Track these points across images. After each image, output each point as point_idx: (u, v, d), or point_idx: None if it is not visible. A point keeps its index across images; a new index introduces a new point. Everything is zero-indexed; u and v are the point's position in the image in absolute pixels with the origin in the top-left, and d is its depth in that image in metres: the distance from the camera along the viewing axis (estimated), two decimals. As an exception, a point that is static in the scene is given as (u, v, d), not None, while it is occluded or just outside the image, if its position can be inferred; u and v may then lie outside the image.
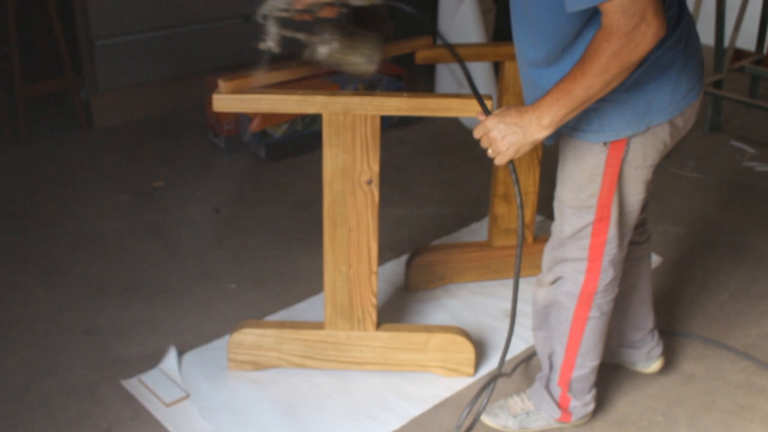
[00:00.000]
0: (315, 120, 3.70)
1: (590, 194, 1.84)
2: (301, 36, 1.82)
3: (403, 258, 2.83)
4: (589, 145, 1.79)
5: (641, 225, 2.14)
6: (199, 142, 3.83)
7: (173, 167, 3.56)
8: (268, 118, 3.59)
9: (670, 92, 1.72)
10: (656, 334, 2.27)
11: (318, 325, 2.29)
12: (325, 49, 1.82)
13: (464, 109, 1.97)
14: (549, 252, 1.98)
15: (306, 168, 3.59)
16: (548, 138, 1.79)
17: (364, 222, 2.13)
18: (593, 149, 1.79)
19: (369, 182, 2.08)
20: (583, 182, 1.83)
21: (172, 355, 2.35)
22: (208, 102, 3.66)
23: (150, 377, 2.29)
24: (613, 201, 1.84)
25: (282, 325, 2.30)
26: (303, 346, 2.28)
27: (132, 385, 2.27)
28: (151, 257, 2.87)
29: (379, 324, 2.30)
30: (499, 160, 1.70)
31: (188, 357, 2.37)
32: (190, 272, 2.78)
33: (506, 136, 1.67)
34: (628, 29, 1.49)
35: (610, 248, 1.90)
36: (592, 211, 1.85)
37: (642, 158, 1.80)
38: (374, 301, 2.22)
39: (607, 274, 1.93)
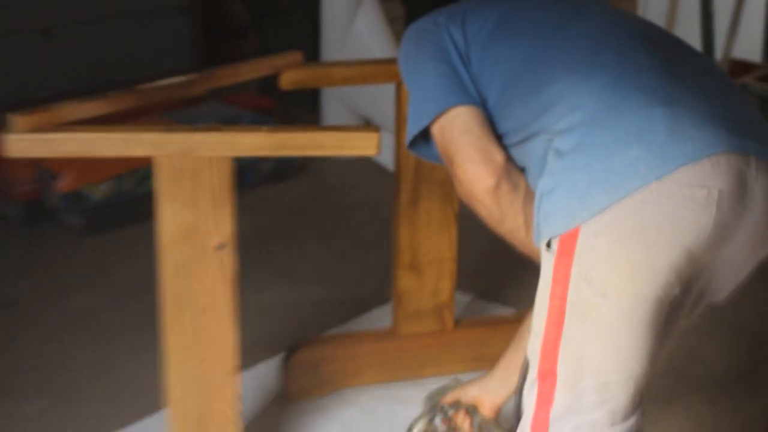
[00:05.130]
0: (150, 176, 3.90)
1: (536, 330, 1.83)
2: None
3: (280, 358, 3.03)
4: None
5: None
6: (-17, 210, 4.00)
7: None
8: (83, 173, 3.79)
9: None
10: None
11: (159, 449, 2.48)
12: None
13: (343, 146, 2.23)
14: None
15: (139, 242, 3.77)
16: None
17: (216, 301, 2.33)
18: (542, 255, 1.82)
19: (220, 247, 2.31)
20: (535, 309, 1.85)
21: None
22: (-5, 152, 3.84)
23: None
24: (561, 347, 1.79)
25: (108, 451, 2.49)
26: (138, 479, 2.46)
27: None
28: None
29: (244, 443, 2.51)
30: None
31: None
32: (-26, 391, 2.94)
33: None
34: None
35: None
36: (535, 359, 1.83)
37: (592, 266, 1.72)
38: (237, 407, 2.42)
39: None
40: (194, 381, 2.39)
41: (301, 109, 4.94)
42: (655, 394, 2.91)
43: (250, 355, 3.04)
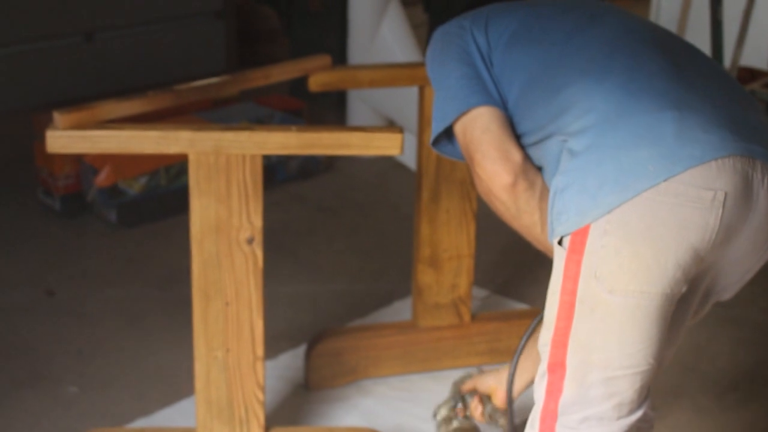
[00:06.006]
0: (183, 172, 3.94)
1: (547, 323, 1.84)
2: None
3: (302, 348, 3.06)
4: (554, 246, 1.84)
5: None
6: (26, 203, 4.06)
7: (-11, 237, 3.76)
8: (121, 169, 3.82)
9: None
10: None
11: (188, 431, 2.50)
12: None
13: (368, 146, 2.25)
14: None
15: (172, 235, 3.82)
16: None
17: (245, 292, 2.36)
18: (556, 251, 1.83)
19: (250, 241, 2.33)
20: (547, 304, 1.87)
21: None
22: (38, 148, 3.87)
23: None
24: (570, 341, 1.80)
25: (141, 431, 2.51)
26: (168, 460, 2.48)
27: None
28: (-39, 356, 3.04)
29: (269, 428, 2.52)
30: None
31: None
32: (15, 374, 2.96)
33: None
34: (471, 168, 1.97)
35: (563, 423, 1.82)
36: (545, 351, 1.84)
37: (601, 263, 1.72)
38: (261, 396, 2.44)
39: None
40: (220, 369, 2.41)
41: (328, 110, 4.95)
42: (663, 389, 2.91)
43: (274, 345, 3.06)
